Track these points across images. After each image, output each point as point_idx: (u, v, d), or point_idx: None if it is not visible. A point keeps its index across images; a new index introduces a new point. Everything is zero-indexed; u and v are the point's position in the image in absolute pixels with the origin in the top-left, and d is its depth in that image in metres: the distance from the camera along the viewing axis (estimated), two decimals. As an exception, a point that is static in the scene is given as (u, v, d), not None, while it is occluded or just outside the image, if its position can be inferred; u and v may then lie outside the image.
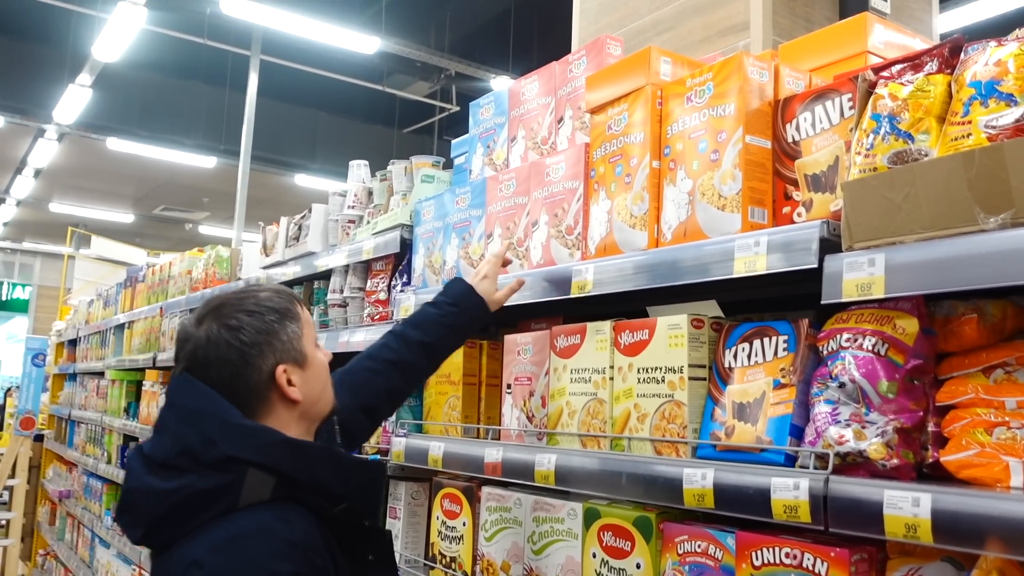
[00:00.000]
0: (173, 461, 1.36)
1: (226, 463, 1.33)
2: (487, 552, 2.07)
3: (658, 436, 1.67)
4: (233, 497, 1.32)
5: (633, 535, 1.68)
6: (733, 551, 1.50)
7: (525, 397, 2.06)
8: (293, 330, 1.47)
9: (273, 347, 1.43)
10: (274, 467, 1.34)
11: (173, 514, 1.33)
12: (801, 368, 1.50)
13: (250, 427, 1.38)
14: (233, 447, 1.34)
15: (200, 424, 1.36)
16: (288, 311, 1.48)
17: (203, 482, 1.32)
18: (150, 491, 1.36)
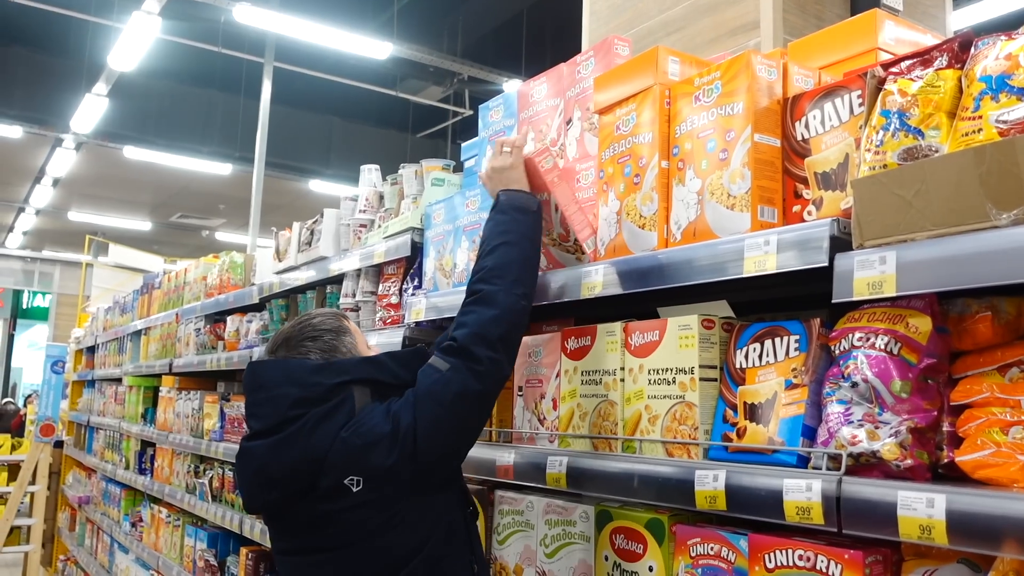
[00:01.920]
0: (287, 415, 1.68)
1: (334, 389, 1.70)
2: (500, 555, 2.06)
3: (669, 438, 1.65)
4: (350, 405, 1.69)
5: (645, 538, 1.67)
6: (746, 553, 1.48)
7: (536, 399, 2.05)
8: (349, 341, 1.83)
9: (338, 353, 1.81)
10: (364, 377, 1.73)
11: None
12: (813, 368, 1.49)
13: (337, 361, 1.77)
14: (330, 378, 1.71)
15: (296, 379, 1.72)
16: (340, 327, 1.85)
17: (322, 409, 1.68)
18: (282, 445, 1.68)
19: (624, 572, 1.70)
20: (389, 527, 1.64)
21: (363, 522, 1.64)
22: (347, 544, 1.65)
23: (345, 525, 1.65)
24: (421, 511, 1.67)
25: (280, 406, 1.69)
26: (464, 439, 1.74)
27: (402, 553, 1.65)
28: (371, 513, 1.63)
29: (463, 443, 1.75)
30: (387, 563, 1.65)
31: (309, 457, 1.64)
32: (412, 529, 1.65)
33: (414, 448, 1.63)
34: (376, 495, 1.63)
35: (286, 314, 3.64)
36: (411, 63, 12.15)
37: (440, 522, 1.70)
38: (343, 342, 1.82)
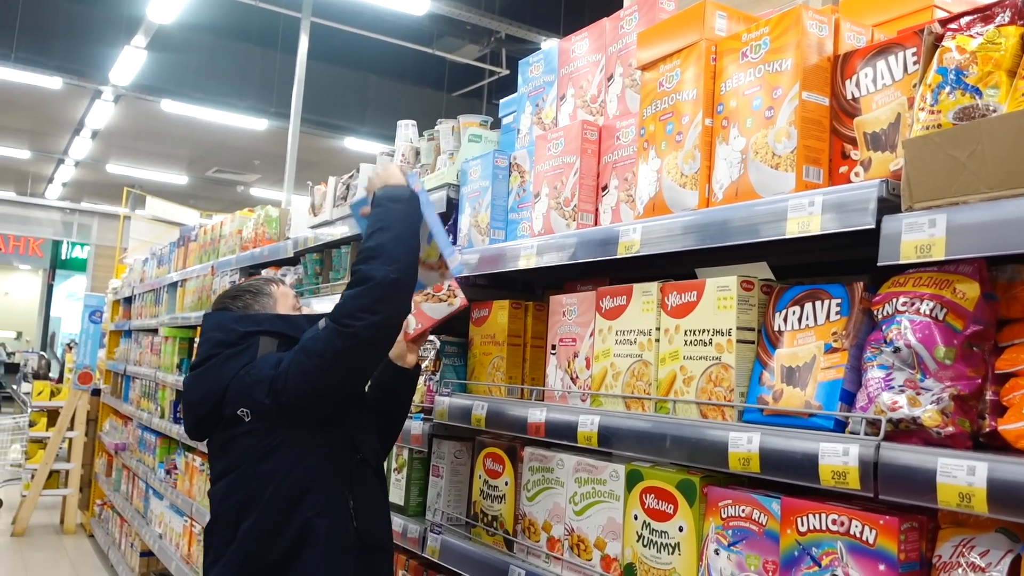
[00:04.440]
0: (209, 353, 2.06)
1: (244, 336, 2.05)
2: (529, 511, 2.08)
3: (704, 399, 1.64)
4: (252, 352, 2.03)
5: (676, 498, 1.67)
6: (778, 516, 1.47)
7: (569, 358, 2.04)
8: (265, 302, 2.20)
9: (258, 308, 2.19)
10: (273, 330, 2.08)
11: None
12: (854, 332, 1.46)
13: (250, 316, 2.13)
14: (243, 326, 2.08)
15: (220, 326, 2.10)
16: (260, 291, 2.21)
17: (232, 351, 2.04)
18: (201, 378, 2.06)
19: (653, 531, 1.70)
20: (268, 451, 1.95)
21: (250, 446, 1.96)
22: (238, 466, 1.97)
23: (238, 449, 1.98)
24: (295, 441, 1.96)
25: (207, 346, 2.07)
26: (327, 386, 1.93)
27: (279, 476, 1.94)
28: (255, 440, 1.96)
29: (327, 390, 1.94)
30: (266, 483, 1.94)
31: (215, 388, 2.01)
32: (287, 455, 1.95)
33: (283, 386, 1.92)
34: (259, 424, 1.96)
35: (320, 268, 3.65)
36: (448, 20, 12.02)
37: (313, 453, 1.97)
38: (258, 301, 2.19)
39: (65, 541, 7.87)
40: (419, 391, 2.62)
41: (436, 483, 2.48)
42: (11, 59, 11.43)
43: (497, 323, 2.35)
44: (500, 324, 2.33)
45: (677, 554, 1.65)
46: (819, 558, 1.38)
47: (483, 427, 2.19)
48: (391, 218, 1.94)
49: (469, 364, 2.47)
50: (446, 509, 2.42)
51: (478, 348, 2.43)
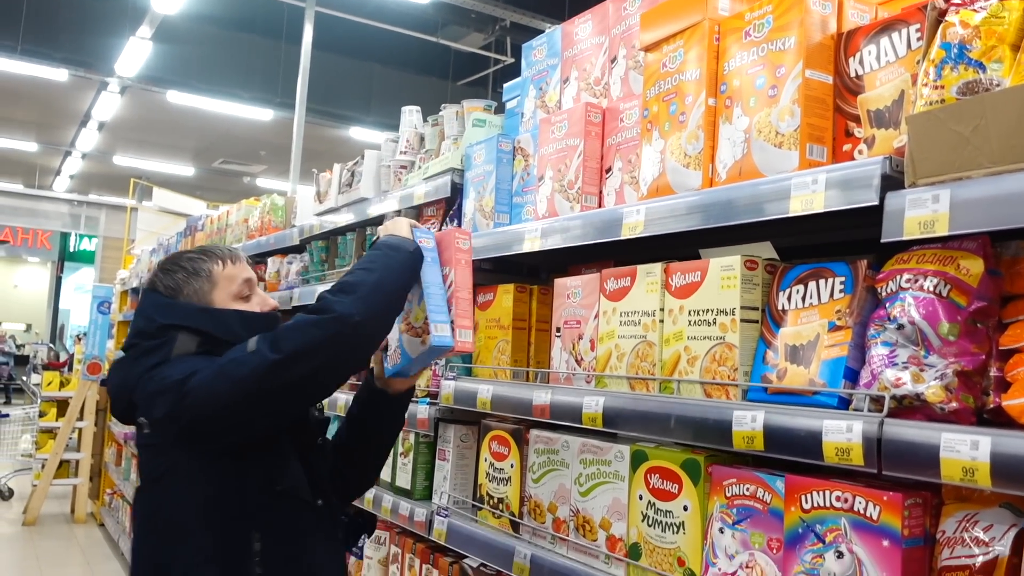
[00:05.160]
0: (130, 342, 1.79)
1: (161, 329, 1.73)
2: (534, 493, 2.08)
3: (708, 379, 1.64)
4: (167, 350, 1.70)
5: (681, 478, 1.67)
6: (782, 494, 1.48)
7: (574, 340, 2.04)
8: (199, 287, 1.81)
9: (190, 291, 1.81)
10: (194, 326, 1.73)
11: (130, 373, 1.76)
12: (858, 310, 1.46)
13: (172, 305, 1.78)
14: (162, 318, 1.75)
15: (143, 311, 1.80)
16: (198, 270, 1.82)
17: (148, 344, 1.73)
18: (119, 366, 1.81)
19: (658, 511, 1.71)
20: (158, 476, 1.67)
21: (146, 463, 1.72)
22: (143, 483, 1.73)
23: (142, 462, 1.75)
24: (189, 468, 1.63)
25: (130, 332, 1.81)
26: (236, 421, 1.61)
27: (163, 509, 1.65)
28: (150, 457, 1.71)
29: (235, 424, 1.61)
30: (150, 516, 1.69)
31: (124, 386, 1.76)
32: (174, 484, 1.64)
33: (186, 404, 1.58)
34: (156, 440, 1.68)
35: (326, 255, 3.66)
36: (453, 8, 11.98)
37: (209, 485, 1.63)
38: (190, 284, 1.79)
39: (76, 530, 7.93)
40: (425, 376, 2.63)
41: (442, 467, 2.49)
42: (17, 51, 11.45)
43: (502, 307, 2.35)
44: (505, 308, 2.34)
45: (682, 533, 1.65)
46: (823, 535, 1.38)
47: (489, 410, 2.20)
48: (381, 263, 1.68)
49: (474, 349, 2.47)
50: (452, 492, 2.43)
51: (483, 332, 2.43)
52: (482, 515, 2.28)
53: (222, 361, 1.60)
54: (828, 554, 1.37)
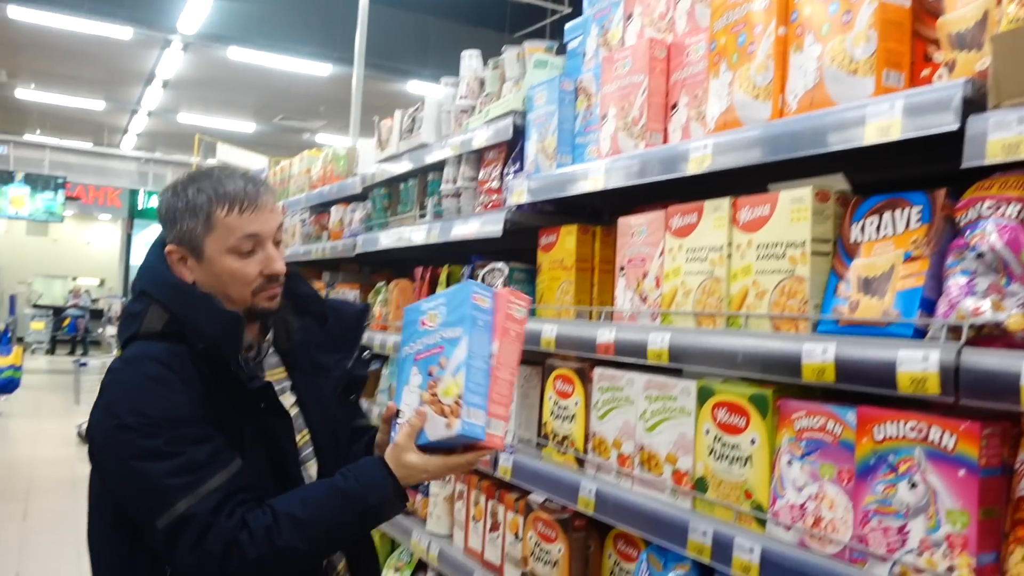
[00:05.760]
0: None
1: (140, 296, 1.63)
2: (599, 430, 2.10)
3: (777, 312, 1.63)
4: (139, 322, 1.59)
5: (748, 411, 1.67)
6: (853, 426, 1.46)
7: (639, 278, 2.04)
8: (190, 227, 1.60)
9: (175, 227, 1.62)
10: (164, 302, 1.59)
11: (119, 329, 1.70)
12: (935, 240, 1.42)
13: (156, 270, 1.63)
14: (143, 283, 1.64)
15: (139, 270, 1.70)
16: (195, 207, 1.59)
17: (130, 306, 1.66)
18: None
19: (725, 445, 1.71)
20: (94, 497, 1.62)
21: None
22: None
23: None
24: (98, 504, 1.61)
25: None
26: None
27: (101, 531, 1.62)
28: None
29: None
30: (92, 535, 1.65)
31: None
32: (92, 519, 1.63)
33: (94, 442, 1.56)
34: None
35: (388, 202, 3.70)
36: (509, -43, 11.81)
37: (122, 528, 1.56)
38: (185, 221, 1.59)
39: (153, 474, 8.26)
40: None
41: (507, 407, 2.52)
42: (83, 10, 11.67)
43: (565, 248, 2.35)
44: (568, 249, 2.34)
45: (749, 466, 1.66)
46: (896, 465, 1.37)
47: (553, 349, 2.22)
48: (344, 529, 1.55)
49: (537, 290, 2.48)
50: (517, 430, 2.46)
51: (546, 274, 2.44)
52: (546, 452, 2.31)
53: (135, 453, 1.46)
54: (901, 484, 1.36)
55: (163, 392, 1.50)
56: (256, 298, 1.65)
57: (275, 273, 1.64)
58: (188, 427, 1.49)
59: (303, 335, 1.82)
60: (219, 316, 1.56)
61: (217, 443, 1.51)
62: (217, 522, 1.44)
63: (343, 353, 1.83)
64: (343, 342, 1.84)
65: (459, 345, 1.50)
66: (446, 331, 1.54)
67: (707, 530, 1.67)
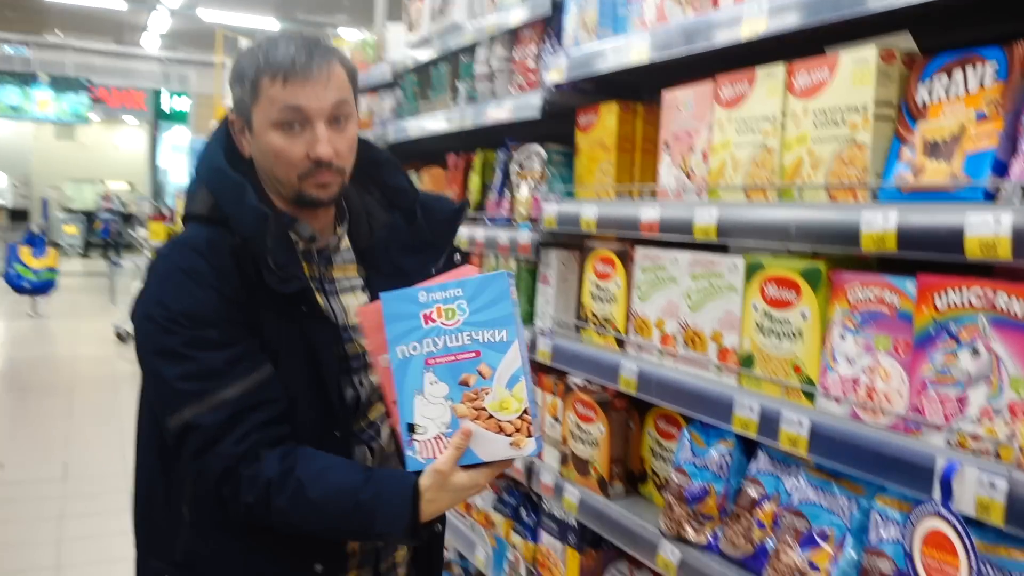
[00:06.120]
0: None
1: (195, 178, 1.53)
2: (641, 311, 2.07)
3: (835, 182, 1.55)
4: (191, 203, 1.50)
5: (799, 285, 1.62)
6: (912, 296, 1.41)
7: (684, 154, 1.96)
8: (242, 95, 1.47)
9: (232, 94, 1.51)
10: (208, 186, 1.48)
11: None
12: (1012, 98, 1.33)
13: (210, 148, 1.53)
14: (196, 162, 1.54)
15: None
16: (245, 75, 1.46)
17: (188, 185, 1.56)
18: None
19: (774, 320, 1.67)
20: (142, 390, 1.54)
21: None
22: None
23: None
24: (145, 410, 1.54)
25: None
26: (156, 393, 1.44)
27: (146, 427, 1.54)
28: None
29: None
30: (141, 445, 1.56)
31: None
32: (141, 432, 1.56)
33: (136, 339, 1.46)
34: None
35: (419, 88, 3.60)
36: None
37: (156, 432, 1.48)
38: (235, 88, 1.48)
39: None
40: (524, 202, 2.60)
41: (544, 291, 2.49)
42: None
43: (605, 127, 2.27)
44: (609, 128, 2.26)
45: (799, 341, 1.62)
46: (957, 333, 1.32)
47: (594, 231, 2.16)
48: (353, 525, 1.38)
49: (576, 172, 2.42)
50: (555, 314, 2.44)
51: (585, 155, 2.37)
52: (586, 334, 2.29)
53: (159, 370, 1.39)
54: (962, 353, 1.31)
55: (191, 287, 1.39)
56: (303, 184, 1.46)
57: (320, 157, 1.44)
58: (209, 328, 1.38)
59: (387, 233, 1.65)
60: (248, 211, 1.41)
61: (239, 350, 1.39)
62: (223, 441, 1.36)
63: (429, 256, 1.64)
64: (431, 244, 1.65)
65: (509, 351, 1.32)
66: (481, 333, 1.33)
67: (754, 405, 1.65)
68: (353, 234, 1.65)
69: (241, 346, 1.41)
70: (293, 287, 1.43)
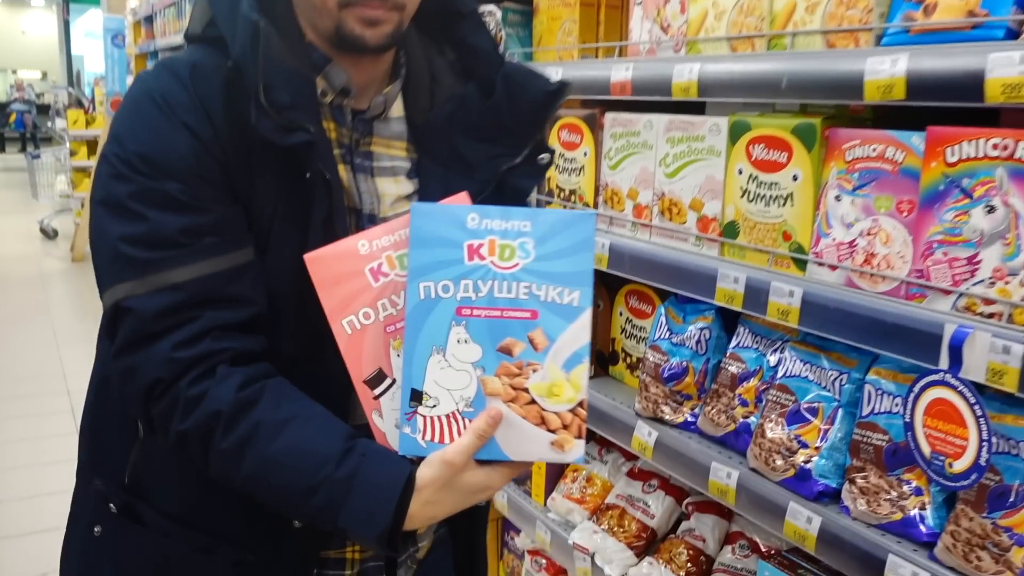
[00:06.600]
0: None
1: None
2: (611, 181, 1.92)
3: (833, 26, 1.40)
4: (191, 21, 1.15)
5: (791, 145, 1.48)
6: (919, 151, 1.29)
7: (659, 6, 1.78)
8: None
9: None
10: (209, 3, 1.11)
11: None
12: (1039, -79, 1.18)
13: None
14: None
15: None
16: None
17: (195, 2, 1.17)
18: None
19: (761, 184, 1.54)
20: None
21: None
22: None
23: None
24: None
25: None
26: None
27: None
28: None
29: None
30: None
31: None
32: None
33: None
34: None
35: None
36: None
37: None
38: None
39: (124, 266, 8.13)
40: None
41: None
42: None
43: (567, -18, 2.07)
44: (570, -18, 2.05)
45: (789, 205, 1.50)
46: (971, 189, 1.21)
47: (557, 95, 1.99)
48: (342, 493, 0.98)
49: (535, 32, 2.21)
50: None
51: (545, 13, 2.17)
52: (551, 208, 2.14)
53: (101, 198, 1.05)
54: (975, 210, 1.21)
55: (159, 121, 1.03)
56: (344, 16, 1.06)
57: None
58: (168, 180, 1.02)
59: (453, 107, 1.22)
60: (241, 22, 1.03)
61: (206, 218, 1.04)
62: (163, 339, 1.01)
63: (505, 148, 1.21)
64: (509, 132, 1.20)
65: (578, 321, 1.00)
66: (545, 288, 1.00)
67: (739, 276, 1.54)
68: (409, 102, 1.22)
69: (211, 214, 1.04)
70: (295, 139, 1.03)
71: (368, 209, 1.16)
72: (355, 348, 1.04)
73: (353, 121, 1.16)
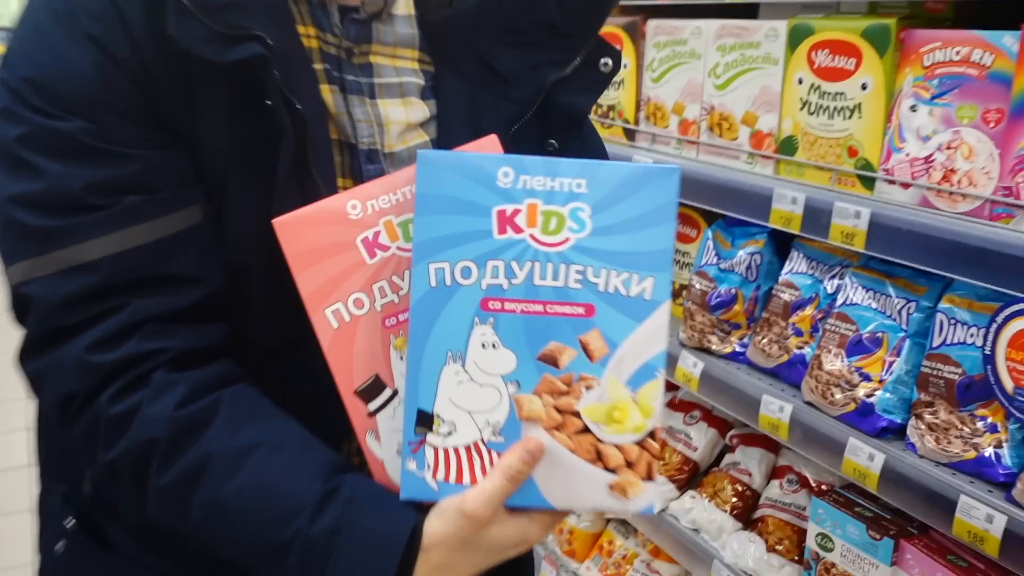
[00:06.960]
0: None
1: None
2: (654, 95, 1.78)
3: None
4: None
5: (860, 49, 1.34)
6: (1012, 53, 1.15)
7: None
8: None
9: None
10: None
11: None
12: None
13: None
14: None
15: None
16: None
17: None
18: None
19: (825, 95, 1.41)
20: None
21: None
22: None
23: None
24: None
25: None
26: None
27: None
28: None
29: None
30: None
31: None
32: None
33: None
34: None
35: None
36: None
37: None
38: None
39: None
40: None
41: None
42: None
43: None
44: None
45: (857, 117, 1.36)
46: (1074, 95, 1.08)
47: (595, 2, 1.84)
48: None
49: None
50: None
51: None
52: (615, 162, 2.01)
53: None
54: (1079, 118, 1.07)
55: (56, 34, 0.75)
56: None
57: None
58: (73, 116, 0.74)
59: (480, 1, 0.91)
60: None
61: (124, 170, 0.76)
62: (76, 338, 0.75)
63: (551, 53, 0.90)
64: (556, 32, 0.90)
65: (651, 319, 0.74)
66: (605, 273, 0.73)
67: (797, 196, 1.41)
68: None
69: (132, 162, 0.76)
70: (240, 53, 0.74)
71: (367, 143, 0.86)
72: (343, 347, 0.77)
73: (342, 22, 0.85)
